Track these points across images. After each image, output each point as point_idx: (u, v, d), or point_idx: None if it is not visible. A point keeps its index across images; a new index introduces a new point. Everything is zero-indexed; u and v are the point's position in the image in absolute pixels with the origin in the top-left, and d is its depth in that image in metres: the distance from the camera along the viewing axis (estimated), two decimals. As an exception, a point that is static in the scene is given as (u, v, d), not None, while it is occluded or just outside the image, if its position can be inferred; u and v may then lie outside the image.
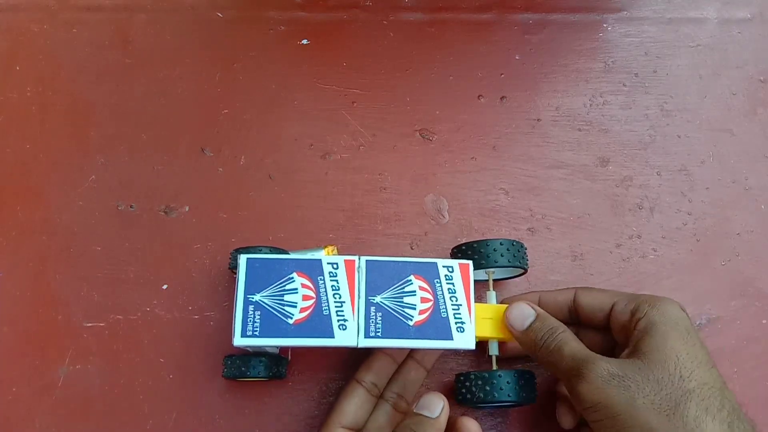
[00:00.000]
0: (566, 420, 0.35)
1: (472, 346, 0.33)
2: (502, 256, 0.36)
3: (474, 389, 0.34)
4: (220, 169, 0.44)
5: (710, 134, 0.45)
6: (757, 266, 0.42)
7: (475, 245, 0.36)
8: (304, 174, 0.44)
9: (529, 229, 0.42)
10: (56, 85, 0.46)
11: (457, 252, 0.37)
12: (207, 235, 0.42)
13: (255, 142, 0.45)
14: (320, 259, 0.32)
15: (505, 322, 0.34)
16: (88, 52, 0.47)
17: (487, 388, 0.34)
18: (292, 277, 0.31)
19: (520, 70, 0.47)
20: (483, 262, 0.35)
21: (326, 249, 0.37)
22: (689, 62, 0.47)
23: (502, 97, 0.46)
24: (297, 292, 0.31)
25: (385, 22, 0.48)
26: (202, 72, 0.47)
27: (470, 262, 0.34)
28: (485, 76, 0.47)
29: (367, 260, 0.32)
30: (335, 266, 0.31)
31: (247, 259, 0.31)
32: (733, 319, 0.40)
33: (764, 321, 0.40)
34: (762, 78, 0.47)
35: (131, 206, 0.43)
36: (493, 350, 0.36)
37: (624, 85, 0.46)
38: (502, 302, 0.37)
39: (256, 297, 0.31)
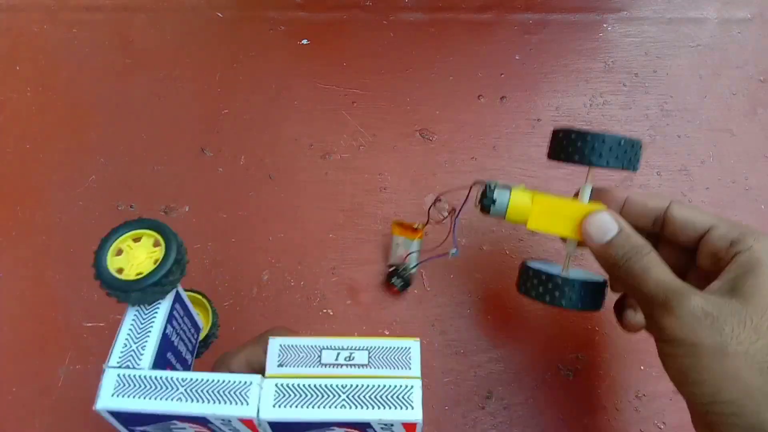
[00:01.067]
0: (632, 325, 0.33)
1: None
2: (617, 158, 0.30)
3: (540, 289, 0.32)
4: (220, 169, 0.44)
5: (710, 134, 0.45)
6: (757, 266, 0.42)
7: (588, 139, 0.30)
8: (304, 174, 0.44)
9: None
10: (56, 85, 0.46)
11: (564, 139, 0.31)
12: (207, 235, 0.42)
13: (255, 142, 0.45)
14: (205, 417, 0.23)
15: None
16: (88, 52, 0.47)
17: (557, 293, 0.31)
18: (175, 422, 0.24)
19: (520, 70, 0.47)
20: (592, 158, 0.30)
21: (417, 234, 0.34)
22: (689, 62, 0.47)
23: (502, 97, 0.46)
24: (186, 430, 0.25)
25: (385, 22, 0.48)
26: (202, 72, 0.47)
27: (419, 422, 0.22)
28: (485, 76, 0.47)
29: (270, 422, 0.23)
30: (226, 422, 0.23)
31: (110, 412, 0.23)
32: (733, 319, 0.40)
33: (764, 321, 0.40)
34: (762, 78, 0.47)
35: (131, 206, 0.43)
36: (570, 249, 0.33)
37: (624, 85, 0.46)
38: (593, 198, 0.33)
39: (138, 429, 0.25)
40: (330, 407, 0.22)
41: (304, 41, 0.48)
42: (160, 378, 0.23)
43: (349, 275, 0.41)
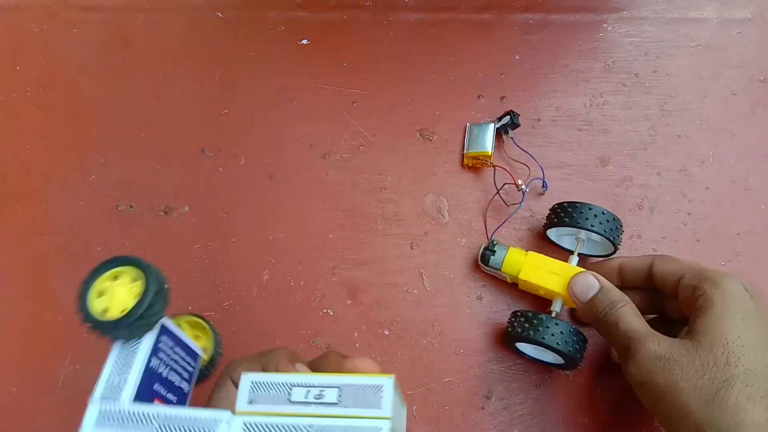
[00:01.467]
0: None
1: None
2: (600, 224, 0.37)
3: (526, 325, 0.36)
4: (220, 169, 0.44)
5: (710, 134, 0.45)
6: (757, 266, 0.42)
7: (578, 205, 0.38)
8: (304, 174, 0.44)
9: (529, 230, 0.42)
10: (56, 85, 0.46)
11: (558, 208, 0.39)
12: (207, 235, 0.42)
13: (255, 142, 0.45)
14: None
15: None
16: (88, 52, 0.47)
17: (540, 329, 0.35)
18: None
19: (520, 70, 0.47)
20: (579, 221, 0.37)
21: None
22: (689, 62, 0.47)
23: (502, 97, 0.46)
24: None
25: (385, 22, 0.48)
26: (202, 72, 0.47)
27: None
28: (485, 76, 0.47)
29: None
30: None
31: None
32: (733, 319, 0.40)
33: (764, 321, 0.40)
34: (762, 78, 0.47)
35: (131, 206, 0.43)
36: (556, 307, 0.37)
37: (624, 85, 0.46)
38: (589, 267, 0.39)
39: None
40: None
41: (304, 41, 0.48)
42: (139, 413, 0.24)
43: (349, 275, 0.41)
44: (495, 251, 0.39)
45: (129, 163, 0.44)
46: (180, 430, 0.23)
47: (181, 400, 0.28)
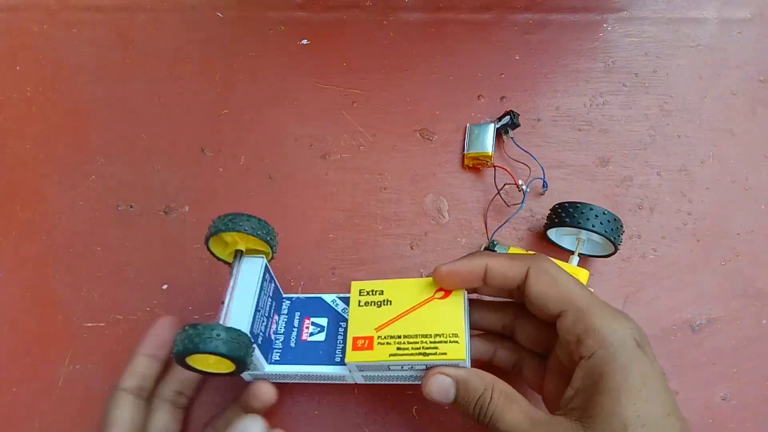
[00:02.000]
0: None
1: None
2: (601, 224, 0.37)
3: None
4: (220, 169, 0.44)
5: (710, 134, 0.45)
6: (757, 266, 0.42)
7: (578, 206, 0.38)
8: (304, 174, 0.44)
9: (529, 230, 0.42)
10: (56, 85, 0.46)
11: (559, 208, 0.39)
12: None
13: (255, 142, 0.45)
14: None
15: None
16: (88, 52, 0.47)
17: None
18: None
19: (520, 70, 0.47)
20: (580, 222, 0.37)
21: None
22: (689, 62, 0.47)
23: (502, 97, 0.46)
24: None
25: (385, 22, 0.48)
26: (202, 72, 0.47)
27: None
28: (485, 76, 0.47)
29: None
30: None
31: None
32: (733, 319, 0.40)
33: (764, 321, 0.40)
34: (762, 78, 0.47)
35: (131, 206, 0.43)
36: None
37: (624, 85, 0.46)
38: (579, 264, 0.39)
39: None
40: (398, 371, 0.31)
41: (304, 41, 0.48)
42: (279, 374, 0.34)
43: (349, 275, 0.41)
44: (495, 251, 0.40)
45: (129, 163, 0.44)
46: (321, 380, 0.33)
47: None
